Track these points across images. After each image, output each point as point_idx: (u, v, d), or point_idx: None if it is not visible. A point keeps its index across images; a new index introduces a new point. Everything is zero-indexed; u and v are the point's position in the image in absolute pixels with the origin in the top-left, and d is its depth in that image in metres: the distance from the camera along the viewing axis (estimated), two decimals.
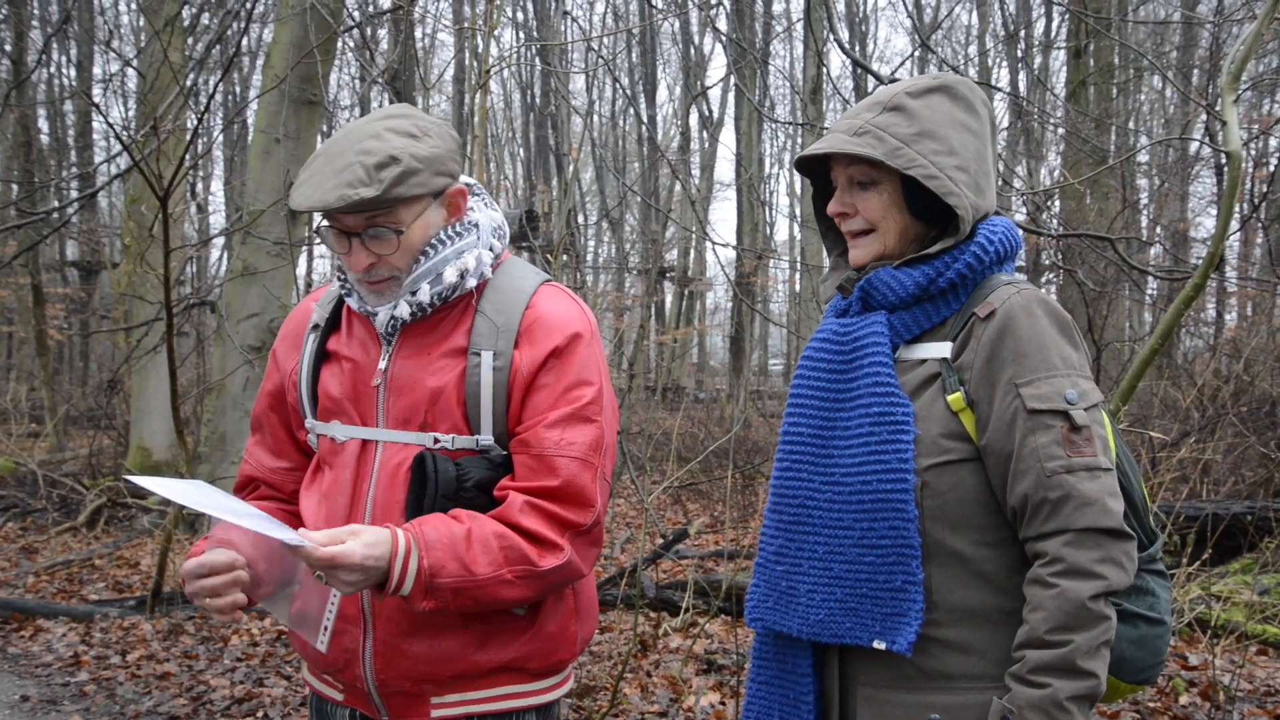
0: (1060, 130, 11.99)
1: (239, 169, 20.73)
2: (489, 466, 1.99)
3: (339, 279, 2.09)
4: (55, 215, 9.02)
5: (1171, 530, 6.33)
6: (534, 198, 20.26)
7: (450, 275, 1.99)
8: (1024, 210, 8.39)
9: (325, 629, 2.00)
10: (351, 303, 2.06)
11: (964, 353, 1.82)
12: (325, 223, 1.98)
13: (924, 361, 1.85)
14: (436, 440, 1.98)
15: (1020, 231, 2.02)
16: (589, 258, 26.52)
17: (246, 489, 2.23)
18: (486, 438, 1.99)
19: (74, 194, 13.14)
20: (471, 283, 2.02)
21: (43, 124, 22.23)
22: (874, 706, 1.83)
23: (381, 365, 2.02)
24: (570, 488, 1.94)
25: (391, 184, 1.88)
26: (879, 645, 1.79)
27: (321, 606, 2.00)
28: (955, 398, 1.79)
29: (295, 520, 2.12)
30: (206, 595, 1.85)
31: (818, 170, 2.04)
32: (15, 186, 16.21)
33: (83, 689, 5.72)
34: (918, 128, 1.86)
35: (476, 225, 2.07)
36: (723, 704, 5.08)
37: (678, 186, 20.99)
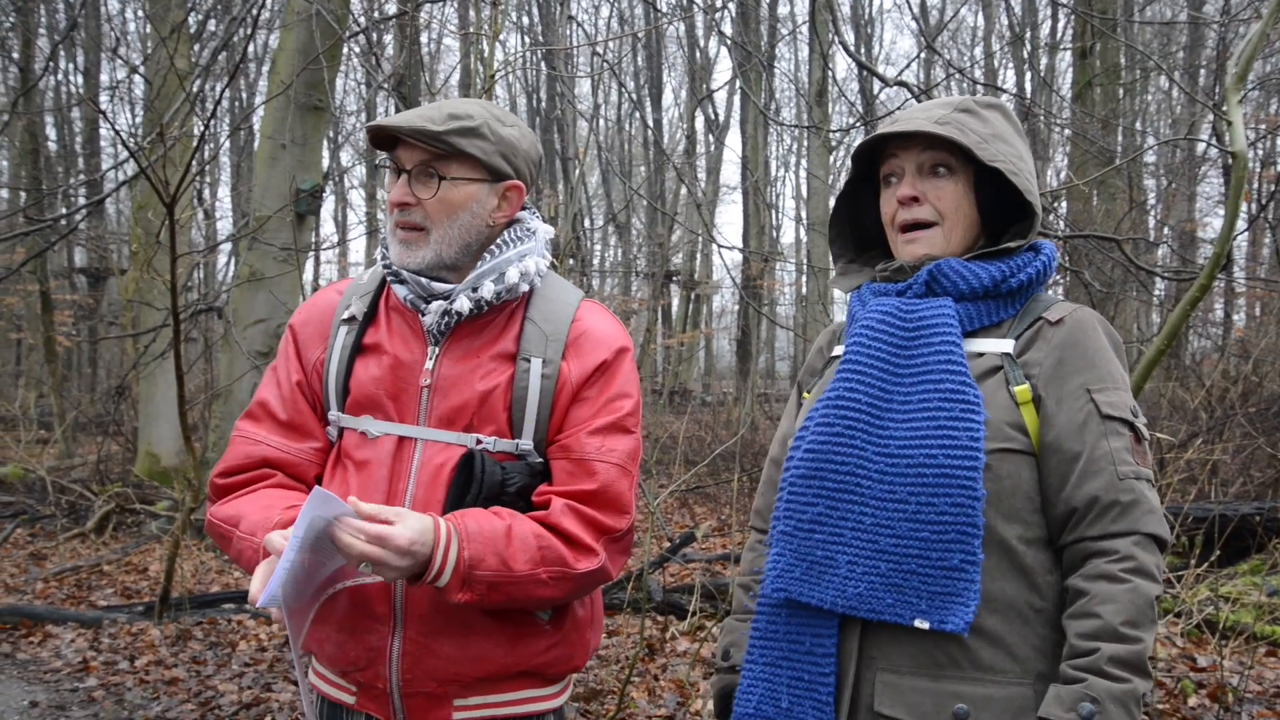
0: (1067, 131, 11.97)
1: (246, 175, 20.78)
2: (530, 473, 2.02)
3: (384, 266, 2.10)
4: (63, 222, 9.04)
5: (1180, 531, 6.31)
6: (540, 202, 20.27)
7: (513, 275, 2.04)
8: None
9: (305, 627, 1.95)
10: (399, 290, 2.06)
11: (1030, 350, 1.85)
12: (387, 159, 2.05)
13: (982, 355, 1.87)
14: (479, 442, 2.00)
15: None
16: (595, 261, 26.55)
17: (250, 472, 2.09)
18: (526, 443, 2.02)
19: (81, 201, 13.19)
20: (526, 286, 2.07)
21: (50, 131, 22.33)
22: (893, 692, 1.78)
23: (428, 365, 2.03)
24: (608, 492, 1.99)
25: (455, 131, 1.97)
26: (921, 624, 1.74)
27: (313, 601, 1.94)
28: (1022, 390, 1.81)
29: None
30: None
31: (862, 162, 2.06)
32: (23, 193, 16.25)
33: (91, 694, 5.73)
34: (992, 130, 1.91)
35: (534, 232, 2.13)
36: None
37: (684, 190, 21.00)
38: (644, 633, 5.28)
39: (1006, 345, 1.87)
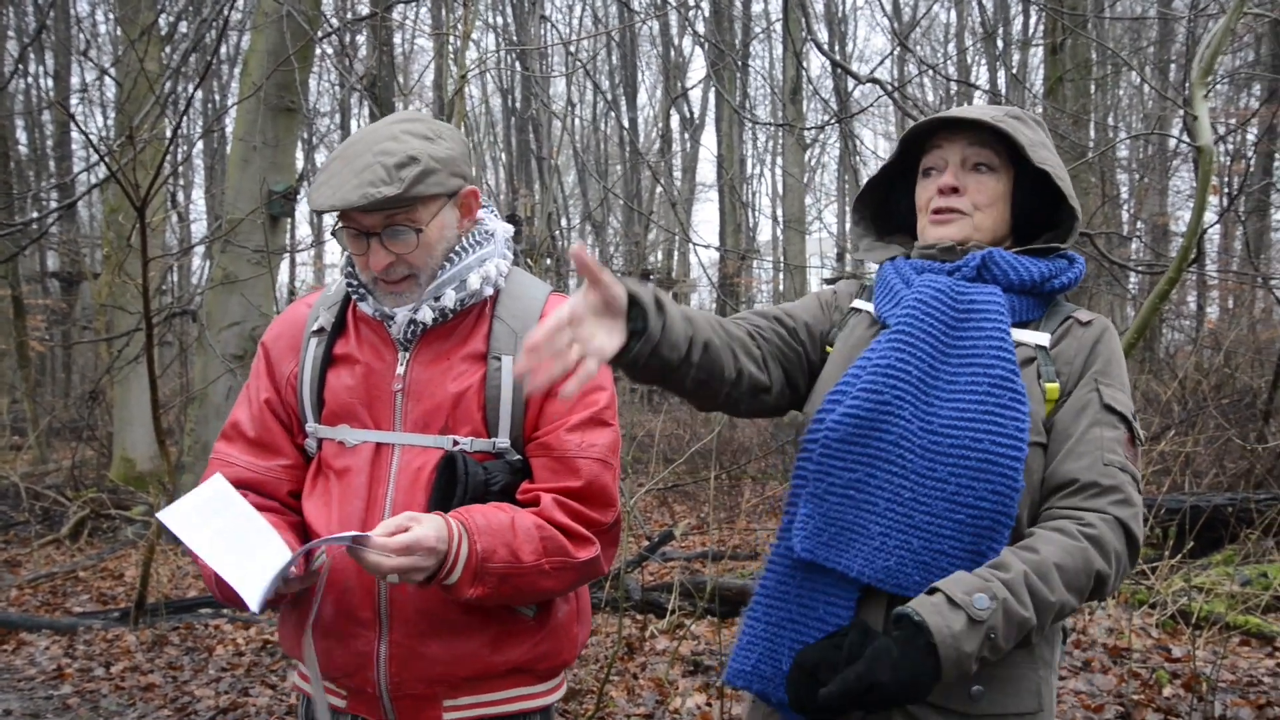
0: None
1: (219, 177, 20.65)
2: (510, 471, 2.04)
3: (349, 284, 2.10)
4: (34, 226, 8.97)
5: (1154, 523, 6.37)
6: (516, 202, 20.23)
7: (474, 281, 2.05)
8: None
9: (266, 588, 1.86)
10: (365, 307, 2.07)
11: (1061, 344, 1.89)
12: (340, 224, 2.02)
13: (1020, 345, 1.89)
14: (456, 443, 2.01)
15: None
16: (572, 260, 26.52)
17: None
18: (503, 440, 2.04)
19: (53, 204, 13.08)
20: (490, 290, 2.07)
21: (21, 134, 22.14)
22: None
23: (400, 370, 2.04)
24: (593, 488, 2.02)
25: (412, 182, 1.93)
26: None
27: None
28: (1053, 387, 1.85)
29: (298, 532, 2.09)
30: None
31: (907, 149, 2.08)
32: None
33: (66, 702, 5.69)
34: (1038, 138, 1.95)
35: (493, 234, 2.13)
36: (709, 705, 5.08)
37: (659, 189, 20.99)
38: (622, 631, 5.28)
39: (1042, 338, 1.90)
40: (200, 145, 22.78)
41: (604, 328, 1.64)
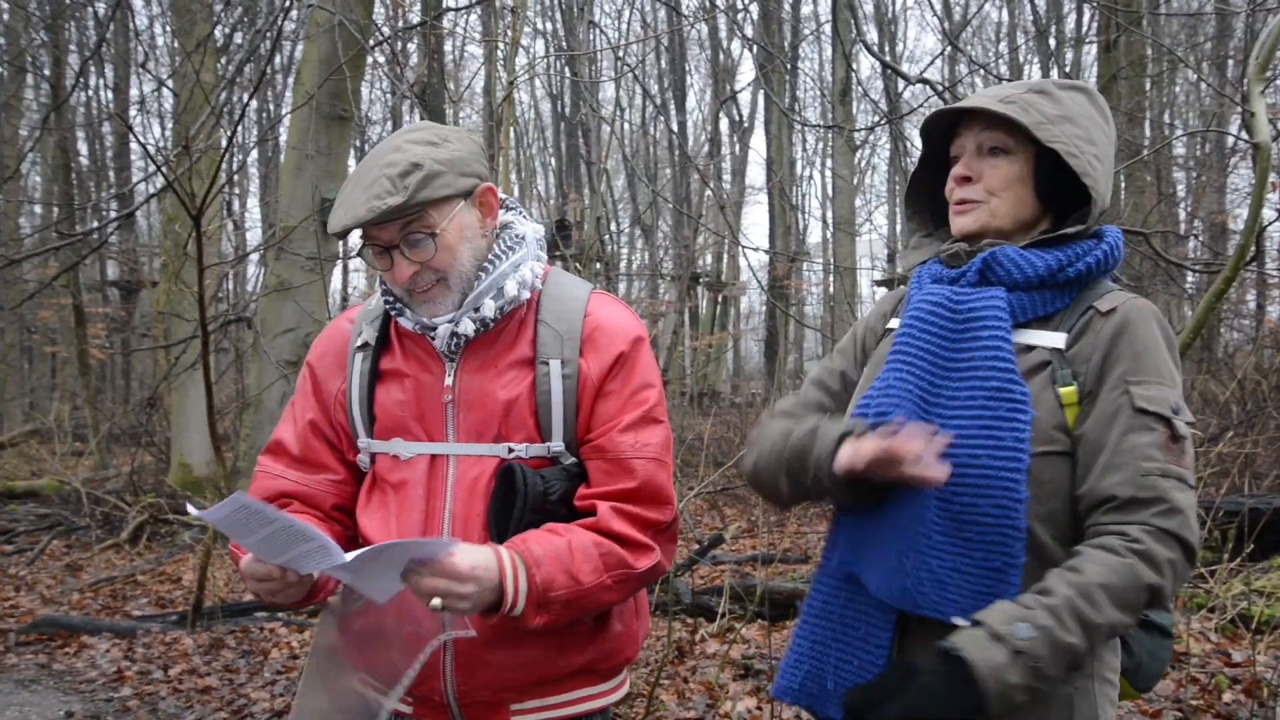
0: None
1: (274, 186, 20.93)
2: (567, 477, 2.03)
3: (385, 300, 2.10)
4: (94, 236, 9.15)
5: (1212, 526, 6.25)
6: (566, 207, 20.32)
7: (511, 288, 2.03)
8: None
9: (404, 681, 1.96)
10: (404, 322, 2.07)
11: (1079, 344, 1.81)
12: (364, 242, 2.02)
13: (1033, 348, 1.83)
14: (511, 450, 2.01)
15: None
16: (622, 265, 26.57)
17: (271, 504, 2.11)
18: (558, 444, 2.03)
19: (112, 214, 13.33)
20: (527, 294, 2.06)
21: (82, 146, 22.60)
22: None
23: (448, 381, 2.04)
24: (649, 487, 2.01)
25: (416, 188, 1.93)
26: (961, 622, 1.70)
27: (409, 657, 1.96)
28: (1068, 391, 1.78)
29: (342, 543, 2.09)
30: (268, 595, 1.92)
31: (935, 139, 2.05)
32: (55, 208, 16.45)
33: (126, 704, 5.80)
34: (1062, 111, 1.87)
35: (524, 238, 2.12)
36: (759, 709, 5.07)
37: (709, 192, 20.98)
38: (673, 635, 5.28)
39: (1058, 339, 1.82)
40: (255, 154, 23.14)
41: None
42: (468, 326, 2.02)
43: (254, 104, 21.07)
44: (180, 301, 11.98)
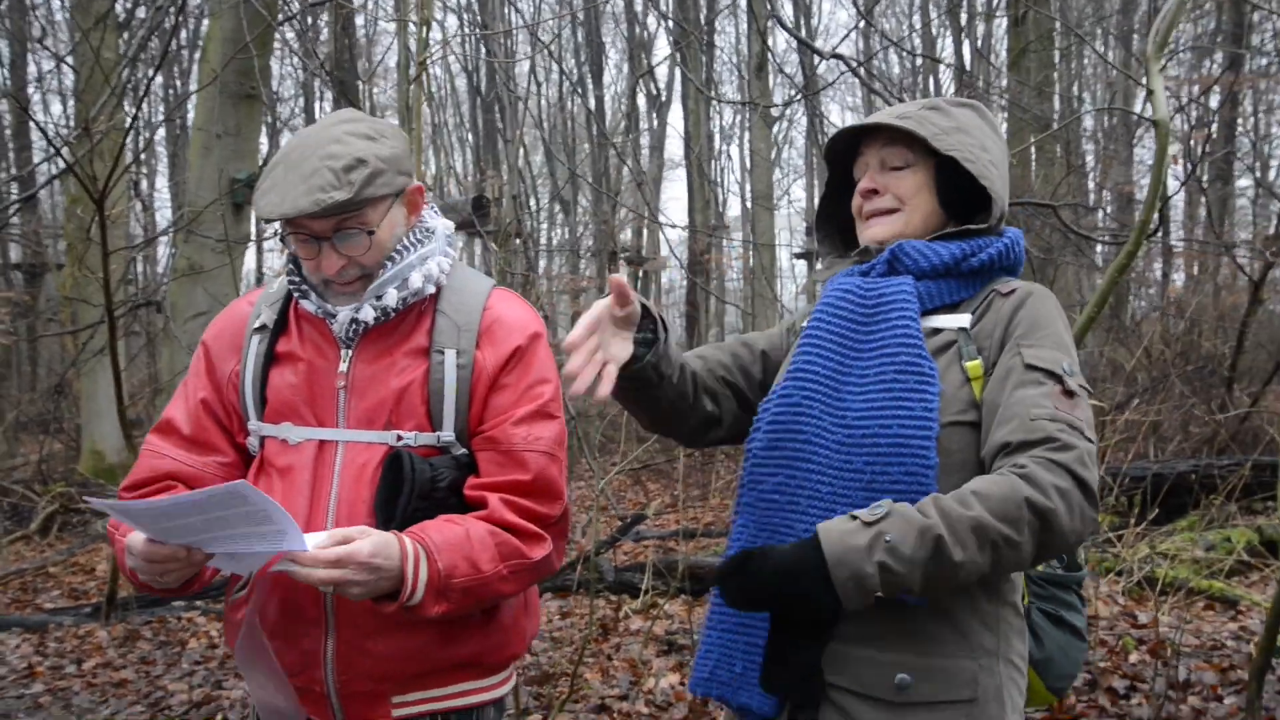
0: (1005, 99, 12.08)
1: (184, 165, 20.42)
2: (456, 467, 2.03)
3: (290, 282, 2.09)
4: None
5: (1118, 492, 6.44)
6: (484, 183, 20.13)
7: (416, 280, 2.04)
8: None
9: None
10: (307, 305, 2.07)
11: (982, 322, 1.90)
12: (289, 229, 2.00)
13: (940, 331, 1.91)
14: (400, 438, 2.01)
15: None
16: (542, 240, 26.44)
17: (155, 485, 2.10)
18: (448, 434, 2.04)
19: (13, 196, 12.90)
20: (431, 288, 2.07)
21: None
22: (840, 661, 1.80)
23: (343, 368, 2.05)
24: (540, 481, 2.03)
25: (362, 185, 1.93)
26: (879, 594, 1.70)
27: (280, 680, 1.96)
28: (974, 365, 1.85)
29: None
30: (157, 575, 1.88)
31: (838, 163, 2.14)
32: None
33: (38, 700, 5.66)
34: (955, 124, 1.99)
35: (433, 231, 2.13)
36: (683, 684, 5.11)
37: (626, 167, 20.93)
38: (595, 613, 5.30)
39: (963, 320, 1.91)
40: (163, 132, 22.51)
41: (618, 338, 1.89)
42: (368, 313, 2.02)
43: (159, 80, 20.50)
44: (86, 285, 11.66)
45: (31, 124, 19.31)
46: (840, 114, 28.44)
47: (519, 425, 2.03)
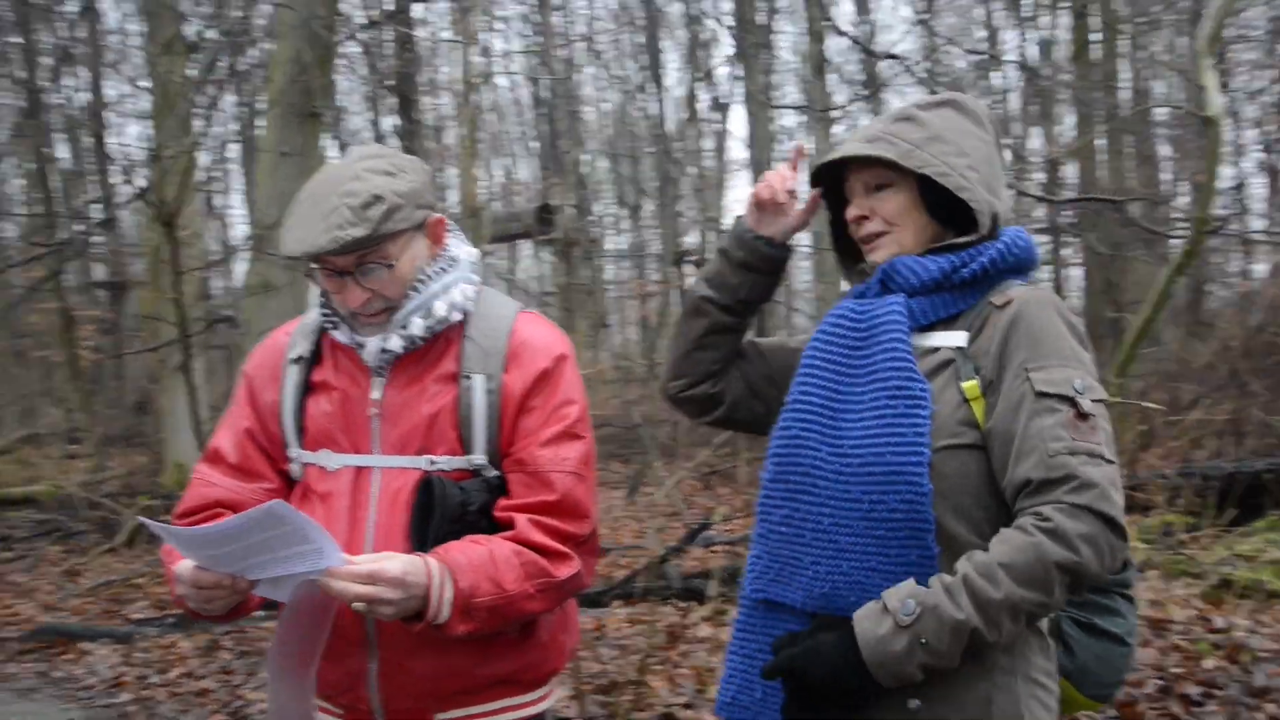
0: (1070, 92, 11.86)
1: (255, 181, 20.80)
2: (487, 489, 2.08)
3: (323, 314, 2.17)
4: (72, 244, 9.13)
5: (1192, 491, 6.31)
6: (549, 191, 20.26)
7: (440, 309, 2.10)
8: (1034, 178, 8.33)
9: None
10: (338, 336, 2.14)
11: (979, 339, 1.86)
12: (315, 265, 2.07)
13: (937, 349, 1.89)
14: (433, 463, 2.07)
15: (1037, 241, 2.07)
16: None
17: (205, 512, 2.17)
18: (479, 457, 2.09)
19: (94, 217, 13.29)
20: (458, 316, 2.12)
21: (63, 149, 22.42)
22: None
23: (375, 395, 2.11)
24: (567, 501, 2.06)
25: (379, 221, 1.99)
26: None
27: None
28: (970, 385, 1.83)
29: None
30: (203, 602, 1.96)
31: (833, 187, 2.11)
32: (34, 216, 16.37)
33: (124, 710, 5.84)
34: (929, 133, 1.94)
35: (457, 260, 2.18)
36: None
37: (691, 170, 20.95)
38: (660, 621, 5.32)
39: (960, 338, 1.88)
40: (239, 149, 22.96)
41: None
42: (396, 343, 2.09)
43: (230, 101, 20.93)
44: (164, 303, 11.95)
45: (111, 145, 19.83)
46: None
47: (546, 446, 2.07)
